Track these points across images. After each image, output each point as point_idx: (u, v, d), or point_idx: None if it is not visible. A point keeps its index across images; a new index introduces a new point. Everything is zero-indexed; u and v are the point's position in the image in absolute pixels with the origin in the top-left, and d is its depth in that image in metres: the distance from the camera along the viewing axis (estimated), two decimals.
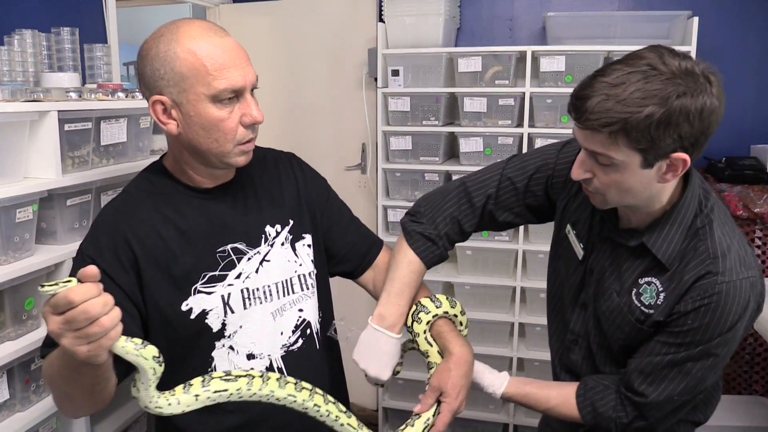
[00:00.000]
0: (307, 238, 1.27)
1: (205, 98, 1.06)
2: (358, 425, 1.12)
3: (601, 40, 2.44)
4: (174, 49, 1.05)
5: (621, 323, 1.15)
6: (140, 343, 0.90)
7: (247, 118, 1.09)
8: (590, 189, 1.08)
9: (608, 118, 0.95)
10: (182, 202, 1.16)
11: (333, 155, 2.95)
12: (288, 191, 1.28)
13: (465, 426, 2.83)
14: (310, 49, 2.97)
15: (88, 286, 0.81)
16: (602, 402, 1.17)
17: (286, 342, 1.22)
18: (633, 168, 1.00)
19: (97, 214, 1.18)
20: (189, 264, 1.13)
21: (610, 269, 1.17)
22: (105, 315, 0.81)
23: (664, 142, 0.96)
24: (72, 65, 1.85)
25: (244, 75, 1.07)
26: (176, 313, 1.12)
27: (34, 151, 1.51)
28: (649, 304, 1.11)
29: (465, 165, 2.61)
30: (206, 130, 1.08)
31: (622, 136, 0.96)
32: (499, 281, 2.65)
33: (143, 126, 1.82)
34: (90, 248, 1.11)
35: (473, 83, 2.57)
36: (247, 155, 1.14)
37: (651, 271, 1.11)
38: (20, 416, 1.48)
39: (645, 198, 1.07)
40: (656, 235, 1.10)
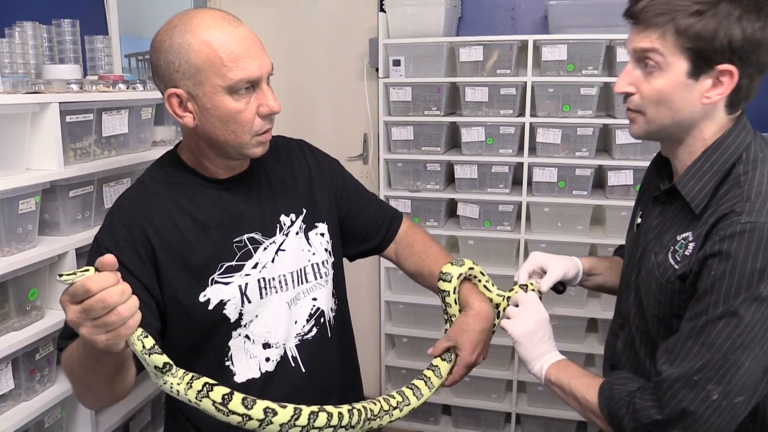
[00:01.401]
0: (320, 226, 1.27)
1: (221, 90, 1.04)
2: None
3: (604, 28, 2.42)
4: (188, 41, 1.03)
5: (652, 286, 1.06)
6: (150, 347, 0.91)
7: (264, 108, 1.08)
8: (631, 107, 1.05)
9: (660, 9, 0.96)
10: (198, 193, 1.16)
11: (335, 146, 2.94)
12: (301, 180, 1.28)
13: (468, 415, 2.85)
14: (311, 39, 2.97)
15: (105, 275, 0.82)
16: (622, 388, 1.01)
17: (300, 331, 1.22)
18: (678, 74, 0.97)
19: (113, 204, 1.17)
20: (206, 255, 1.13)
21: (654, 231, 1.10)
22: (122, 304, 0.82)
23: (712, 46, 0.94)
24: (73, 57, 1.86)
25: (260, 65, 1.06)
26: (194, 304, 1.12)
27: (36, 142, 1.51)
28: (678, 259, 1.01)
29: (467, 155, 2.61)
30: (223, 122, 1.07)
31: (671, 32, 0.96)
32: (501, 271, 2.66)
33: (144, 117, 1.83)
34: (107, 239, 1.10)
35: (474, 73, 2.56)
36: (264, 146, 1.14)
37: (690, 225, 1.02)
38: (25, 405, 1.50)
39: (686, 120, 1.01)
40: (688, 174, 1.03)
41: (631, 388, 1.01)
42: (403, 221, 1.43)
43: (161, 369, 0.92)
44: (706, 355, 0.92)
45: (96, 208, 1.68)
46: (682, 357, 0.95)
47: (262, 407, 0.96)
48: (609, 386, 1.03)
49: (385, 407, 1.12)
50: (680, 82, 0.98)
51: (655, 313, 1.06)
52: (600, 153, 2.55)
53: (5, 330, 1.46)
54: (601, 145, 2.57)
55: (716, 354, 0.92)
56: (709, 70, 0.96)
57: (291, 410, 0.98)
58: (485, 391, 2.77)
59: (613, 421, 1.01)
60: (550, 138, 2.50)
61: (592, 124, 2.46)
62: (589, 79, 2.43)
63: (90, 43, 1.95)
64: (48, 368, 1.57)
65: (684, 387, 0.93)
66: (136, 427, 1.87)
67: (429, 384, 1.19)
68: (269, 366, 1.19)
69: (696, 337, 0.94)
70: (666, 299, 1.03)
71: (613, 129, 2.44)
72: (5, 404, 1.46)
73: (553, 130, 2.49)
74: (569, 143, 2.50)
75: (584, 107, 2.47)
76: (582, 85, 2.44)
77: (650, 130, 1.05)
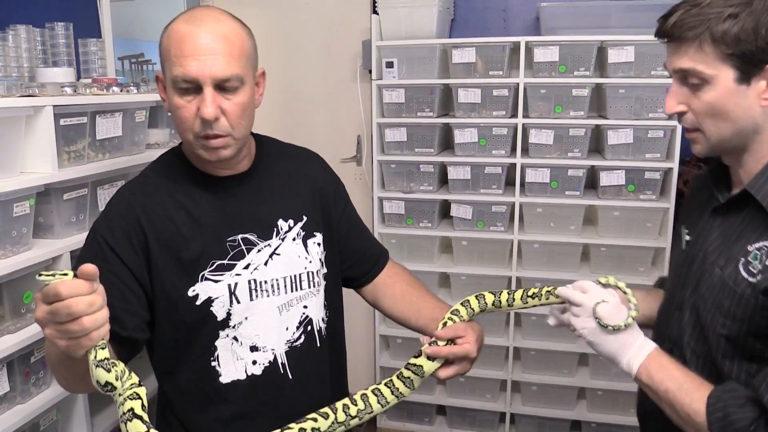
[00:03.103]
0: (317, 236, 1.27)
1: (170, 81, 1.08)
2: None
3: (596, 29, 2.44)
4: (167, 29, 1.09)
5: (723, 302, 0.96)
6: (101, 359, 0.87)
7: (199, 112, 1.06)
8: (687, 126, 1.00)
9: (692, 22, 0.92)
10: (197, 188, 1.17)
11: (328, 147, 2.94)
12: (306, 187, 1.28)
13: (462, 415, 2.86)
14: (304, 41, 2.98)
15: (79, 283, 0.82)
16: (740, 411, 0.89)
17: (290, 338, 1.22)
18: (727, 84, 0.92)
19: (114, 193, 1.20)
20: (198, 250, 1.14)
21: (715, 244, 1.01)
22: (88, 315, 0.82)
23: (756, 46, 0.89)
24: (67, 60, 1.86)
25: (201, 67, 1.04)
26: (182, 297, 1.13)
27: (30, 145, 1.52)
28: (757, 271, 0.92)
29: (460, 156, 2.62)
30: (172, 113, 1.11)
31: (708, 42, 0.91)
32: (494, 271, 2.67)
33: (138, 120, 1.83)
34: (103, 227, 1.12)
35: (467, 74, 2.57)
36: (211, 152, 1.10)
37: (764, 234, 0.93)
38: (20, 408, 1.50)
39: (748, 127, 0.95)
40: (763, 177, 0.95)
41: (751, 414, 0.88)
42: (389, 264, 1.43)
43: (102, 386, 0.88)
44: None
45: (90, 210, 1.68)
46: None
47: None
48: (722, 406, 0.90)
49: (340, 418, 1.09)
50: (731, 91, 0.92)
51: (723, 332, 0.96)
52: (592, 153, 2.57)
53: (0, 333, 1.46)
54: (593, 146, 2.58)
55: None
56: (759, 72, 0.91)
57: None
58: (480, 391, 2.79)
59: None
60: (543, 139, 2.52)
61: (584, 124, 2.48)
62: (581, 80, 2.45)
63: (83, 46, 1.96)
64: (43, 371, 1.57)
65: None
66: None
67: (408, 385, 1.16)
68: (256, 369, 1.19)
69: None
70: (744, 315, 0.93)
71: (605, 130, 2.46)
72: (0, 407, 1.46)
73: (545, 131, 2.51)
74: (561, 144, 2.52)
75: (576, 108, 2.49)
76: (574, 86, 2.46)
77: (713, 146, 0.99)
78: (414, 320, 1.34)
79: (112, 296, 1.06)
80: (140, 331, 1.12)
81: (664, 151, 2.44)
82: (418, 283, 1.41)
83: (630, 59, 2.39)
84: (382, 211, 2.76)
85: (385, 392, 1.14)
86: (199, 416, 1.20)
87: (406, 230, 2.74)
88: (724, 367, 0.97)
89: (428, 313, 1.31)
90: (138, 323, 1.11)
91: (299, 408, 1.12)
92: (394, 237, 2.77)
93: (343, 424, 1.09)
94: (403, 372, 1.16)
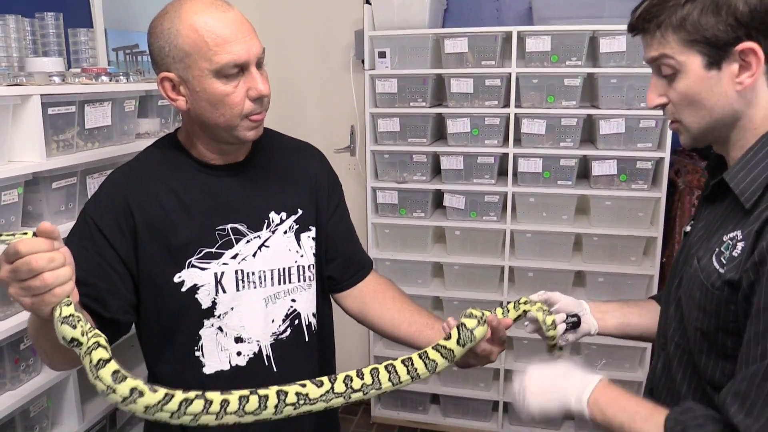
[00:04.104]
0: (312, 230, 1.27)
1: (209, 73, 1.06)
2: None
3: (590, 19, 2.44)
4: (177, 26, 1.06)
5: (695, 293, 0.92)
6: (66, 315, 0.85)
7: (253, 91, 1.09)
8: (669, 117, 0.98)
9: (655, 12, 0.91)
10: (189, 175, 1.17)
11: (322, 138, 2.94)
12: (303, 181, 1.28)
13: (456, 404, 2.88)
14: (297, 31, 2.98)
15: (38, 241, 0.83)
16: (700, 429, 0.83)
17: (276, 330, 1.22)
18: (696, 70, 0.90)
19: (107, 175, 1.20)
20: (186, 237, 1.14)
21: (699, 234, 0.99)
22: (49, 271, 0.83)
23: (718, 29, 0.86)
24: (57, 50, 1.86)
25: (247, 48, 1.07)
26: (168, 283, 1.13)
27: (18, 134, 1.53)
28: (726, 261, 0.88)
29: (453, 146, 2.63)
30: (213, 104, 1.08)
31: (669, 31, 0.90)
32: (487, 261, 2.68)
33: (128, 109, 1.84)
34: (92, 208, 1.13)
35: (460, 64, 2.57)
36: (256, 130, 1.14)
37: (739, 223, 0.89)
38: (11, 394, 1.51)
39: (726, 114, 0.91)
40: (739, 164, 0.91)
41: (711, 430, 0.83)
42: (372, 273, 1.38)
43: (68, 342, 0.86)
44: None
45: (79, 199, 1.69)
46: (762, 404, 0.78)
47: (130, 386, 0.83)
48: (681, 428, 0.84)
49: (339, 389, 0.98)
50: (702, 77, 0.90)
51: (698, 325, 0.92)
52: (584, 143, 2.57)
53: None
54: (585, 136, 2.59)
55: None
56: (728, 55, 0.87)
57: (161, 395, 0.85)
58: (473, 380, 2.80)
59: None
60: (535, 129, 2.52)
61: (576, 114, 2.48)
62: (572, 70, 2.45)
63: (73, 36, 1.96)
64: (33, 358, 1.58)
65: None
66: (123, 417, 1.89)
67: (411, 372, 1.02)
68: (240, 360, 1.19)
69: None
70: (712, 309, 0.89)
71: (596, 119, 2.46)
72: None
73: (537, 121, 2.51)
74: (554, 134, 2.52)
75: (568, 98, 2.49)
76: (566, 75, 2.46)
77: (694, 136, 0.96)
78: (406, 326, 1.28)
79: (96, 277, 1.08)
80: (124, 313, 1.12)
81: (655, 141, 2.44)
82: (406, 295, 1.37)
83: (622, 49, 2.39)
84: (376, 201, 2.77)
85: (400, 370, 1.00)
86: None
87: (399, 220, 2.75)
88: (700, 362, 0.93)
89: (422, 320, 1.27)
90: (122, 305, 1.11)
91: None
92: (387, 227, 2.78)
93: (342, 395, 0.97)
94: (429, 352, 1.03)
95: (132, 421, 1.95)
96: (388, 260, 2.80)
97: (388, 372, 1.00)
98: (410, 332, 1.28)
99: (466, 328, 1.06)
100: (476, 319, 1.07)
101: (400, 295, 1.35)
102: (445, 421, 2.90)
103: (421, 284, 2.80)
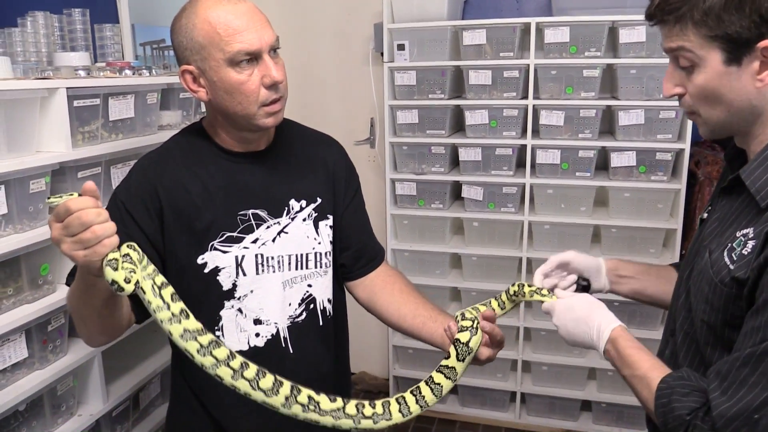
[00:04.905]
0: (330, 219, 1.31)
1: (223, 63, 1.12)
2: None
3: (611, 10, 2.42)
4: (193, 21, 1.13)
5: (703, 287, 0.94)
6: (110, 259, 0.92)
7: (267, 78, 1.13)
8: (685, 108, 0.97)
9: (673, 4, 0.89)
10: (213, 162, 1.23)
11: (342, 130, 2.99)
12: (322, 171, 1.32)
13: (474, 394, 2.90)
14: (317, 24, 3.02)
15: (85, 198, 0.90)
16: (683, 400, 0.89)
17: (292, 313, 1.27)
18: (716, 66, 0.88)
19: (136, 161, 1.27)
20: (209, 220, 1.20)
21: (713, 226, 0.99)
22: (98, 224, 0.90)
23: (741, 25, 0.84)
24: (83, 45, 1.93)
25: (259, 37, 1.12)
26: (192, 264, 1.20)
27: (46, 126, 1.59)
28: (736, 257, 0.88)
29: (471, 138, 2.64)
30: (229, 93, 1.14)
31: (690, 23, 0.88)
32: (505, 252, 2.70)
33: (150, 102, 1.90)
34: (122, 192, 1.21)
35: (478, 56, 2.58)
36: (275, 117, 1.19)
37: (753, 221, 0.89)
38: (39, 374, 1.59)
39: (745, 110, 0.91)
40: (756, 161, 0.91)
41: (692, 404, 0.88)
42: (384, 264, 1.41)
43: (111, 284, 0.93)
44: (767, 388, 0.81)
45: (104, 188, 1.76)
46: (737, 387, 0.83)
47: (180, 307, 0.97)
48: (669, 392, 0.91)
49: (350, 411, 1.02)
50: (721, 73, 0.88)
51: (705, 318, 0.94)
52: (603, 134, 2.56)
53: (19, 302, 1.55)
54: (605, 127, 2.58)
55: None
56: (749, 52, 0.86)
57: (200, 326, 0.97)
58: (490, 370, 2.82)
59: (666, 430, 0.92)
60: (553, 120, 2.52)
61: (595, 105, 2.48)
62: (591, 61, 2.44)
63: (99, 32, 2.03)
64: (60, 339, 1.66)
65: (743, 427, 0.82)
66: (146, 399, 1.96)
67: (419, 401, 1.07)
68: (259, 341, 1.24)
69: (755, 364, 0.82)
70: (720, 304, 0.91)
71: (616, 111, 2.45)
72: (20, 371, 1.55)
73: (556, 112, 2.51)
74: (572, 125, 2.52)
75: (587, 89, 2.48)
76: (585, 66, 2.45)
77: (712, 129, 0.96)
78: (411, 317, 1.30)
79: None
80: None
81: (675, 132, 2.42)
82: (414, 287, 1.39)
83: (641, 39, 2.37)
84: (395, 192, 2.80)
85: (409, 400, 1.06)
86: (203, 382, 1.27)
87: (417, 211, 2.78)
88: (706, 354, 0.95)
89: (427, 313, 1.29)
90: None
91: (299, 381, 1.15)
92: (406, 218, 2.81)
93: (352, 418, 1.01)
94: (434, 376, 1.09)
95: (155, 402, 2.02)
96: (407, 251, 2.83)
97: (398, 404, 1.05)
98: (414, 324, 1.30)
99: (461, 342, 1.11)
100: (468, 331, 1.12)
101: (407, 287, 1.37)
102: (464, 411, 2.93)
103: (440, 275, 2.82)
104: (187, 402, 1.30)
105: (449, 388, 1.11)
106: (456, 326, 1.15)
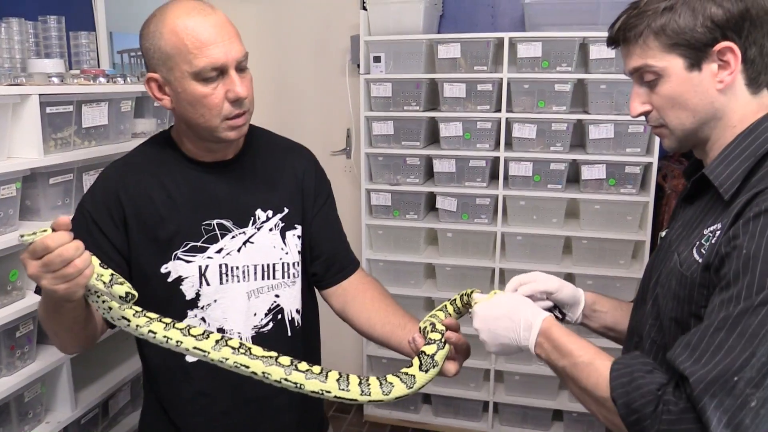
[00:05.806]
0: (298, 229, 1.30)
1: (188, 75, 1.10)
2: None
3: (583, 26, 2.48)
4: (160, 29, 1.11)
5: (672, 284, 0.95)
6: (109, 280, 0.97)
7: (232, 93, 1.12)
8: (653, 123, 1.01)
9: (633, 23, 0.96)
10: (179, 171, 1.23)
11: (319, 141, 3.01)
12: (290, 180, 1.31)
13: (447, 404, 2.92)
14: (295, 36, 3.05)
15: (62, 234, 0.91)
16: (647, 376, 0.85)
17: (257, 323, 1.26)
18: (678, 72, 0.94)
19: (102, 170, 1.27)
20: (173, 230, 1.20)
21: (678, 232, 1.02)
22: (78, 257, 0.91)
23: (696, 31, 0.91)
24: (58, 52, 1.94)
25: (225, 52, 1.11)
26: (155, 273, 1.20)
27: (17, 132, 1.60)
28: (703, 252, 0.90)
29: (445, 149, 2.68)
30: (192, 105, 1.13)
31: (651, 38, 0.94)
32: (478, 262, 2.73)
33: (124, 110, 1.91)
34: (88, 202, 1.21)
35: (453, 69, 2.63)
36: (237, 131, 1.17)
37: (719, 217, 0.92)
38: (5, 380, 1.58)
39: (708, 114, 0.95)
40: (718, 159, 0.95)
41: (660, 380, 0.85)
42: (358, 271, 1.39)
43: (125, 299, 0.99)
44: (746, 347, 0.78)
45: (76, 195, 1.76)
46: (713, 352, 0.79)
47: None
48: (629, 371, 0.87)
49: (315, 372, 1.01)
50: (685, 79, 0.94)
51: (672, 315, 0.95)
52: (574, 148, 2.62)
53: None
54: (576, 140, 2.63)
55: (760, 347, 0.77)
56: (707, 56, 0.92)
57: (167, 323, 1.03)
58: (464, 380, 2.84)
59: (630, 416, 0.85)
60: (526, 133, 2.57)
61: (567, 119, 2.53)
62: (563, 76, 2.49)
63: (75, 39, 2.03)
64: (28, 345, 1.65)
65: (722, 391, 0.77)
66: (115, 406, 1.95)
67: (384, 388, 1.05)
68: None
69: (731, 328, 0.79)
70: (685, 294, 0.92)
71: (586, 124, 2.51)
72: None
73: (528, 126, 2.56)
74: (544, 138, 2.57)
75: (559, 103, 2.53)
76: (556, 81, 2.50)
77: (679, 137, 1.00)
78: (380, 325, 1.29)
79: None
80: None
81: (644, 146, 2.48)
82: (388, 295, 1.38)
83: (611, 55, 2.43)
84: (370, 202, 2.83)
85: (352, 380, 1.04)
86: (167, 391, 1.27)
87: (392, 222, 2.81)
88: None
89: (396, 321, 1.28)
90: None
91: (262, 392, 1.16)
92: (381, 228, 2.84)
93: (284, 367, 1.01)
94: (388, 377, 1.06)
95: (125, 410, 2.01)
96: (382, 261, 2.85)
97: (339, 376, 1.02)
98: (384, 332, 1.29)
99: (427, 355, 1.08)
100: (435, 344, 1.10)
101: (380, 295, 1.35)
102: (437, 421, 2.94)
103: (414, 285, 2.85)
104: (155, 411, 1.31)
105: (401, 393, 1.05)
106: (421, 339, 1.13)
